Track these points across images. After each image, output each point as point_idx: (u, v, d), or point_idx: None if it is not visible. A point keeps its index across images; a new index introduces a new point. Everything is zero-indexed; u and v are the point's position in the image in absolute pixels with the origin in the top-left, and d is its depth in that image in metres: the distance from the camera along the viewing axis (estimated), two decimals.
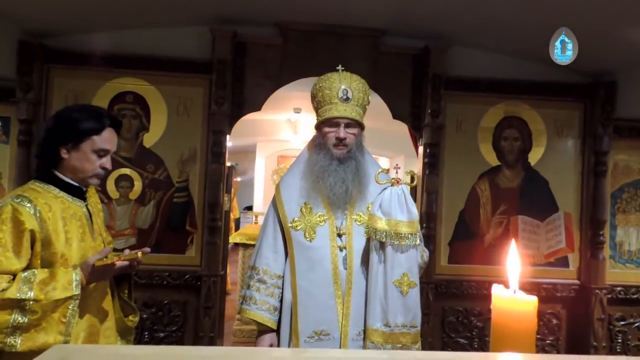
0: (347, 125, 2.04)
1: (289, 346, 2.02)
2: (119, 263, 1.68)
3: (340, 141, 2.04)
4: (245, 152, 11.29)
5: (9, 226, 1.61)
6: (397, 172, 2.43)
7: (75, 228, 1.75)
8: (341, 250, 2.02)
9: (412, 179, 2.03)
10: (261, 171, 11.13)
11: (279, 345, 2.10)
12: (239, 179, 8.02)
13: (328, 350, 1.83)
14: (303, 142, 2.23)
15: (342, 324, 1.97)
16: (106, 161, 1.79)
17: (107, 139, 1.77)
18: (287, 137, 8.86)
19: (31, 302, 1.56)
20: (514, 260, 1.01)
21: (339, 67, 2.12)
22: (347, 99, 2.03)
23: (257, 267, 2.12)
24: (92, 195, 1.93)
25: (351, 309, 1.97)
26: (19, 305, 1.56)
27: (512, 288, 0.97)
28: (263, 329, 2.09)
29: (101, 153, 1.77)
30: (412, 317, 1.90)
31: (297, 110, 7.31)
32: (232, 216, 5.98)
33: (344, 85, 2.04)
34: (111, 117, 1.81)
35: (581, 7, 2.60)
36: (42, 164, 1.79)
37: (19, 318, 1.56)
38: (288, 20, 3.36)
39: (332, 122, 2.05)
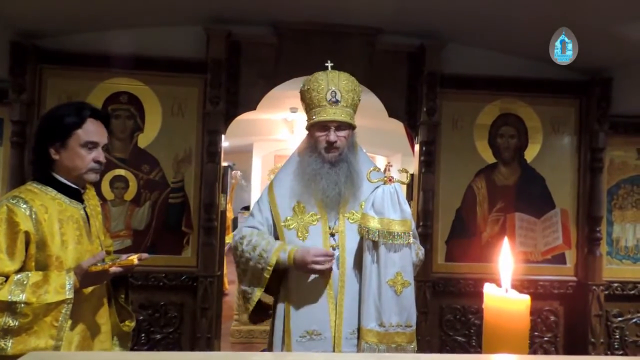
0: (337, 128, 2.02)
1: (282, 347, 2.01)
2: (113, 269, 1.66)
3: (331, 145, 2.02)
4: (241, 152, 11.26)
5: (4, 227, 1.60)
6: (389, 171, 2.42)
7: (71, 230, 1.73)
8: (334, 249, 2.01)
9: (406, 177, 2.01)
10: (258, 171, 11.11)
11: (271, 347, 2.09)
12: (239, 173, 8.02)
13: (311, 354, 1.84)
14: (299, 141, 2.24)
15: (335, 323, 1.96)
16: (98, 154, 1.76)
17: (91, 131, 1.74)
18: (284, 137, 8.84)
19: (22, 305, 1.55)
20: (506, 259, 1.00)
21: (328, 64, 2.10)
22: (336, 101, 2.00)
23: (245, 236, 2.07)
24: (92, 198, 1.91)
25: (344, 307, 1.96)
26: (9, 308, 1.54)
27: (504, 287, 0.96)
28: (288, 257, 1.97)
29: (89, 146, 1.74)
30: (407, 316, 1.89)
31: (294, 110, 7.28)
32: (228, 215, 5.97)
33: (332, 87, 2.01)
34: (92, 109, 1.78)
35: (577, 4, 2.60)
36: (37, 168, 1.77)
37: (10, 321, 1.54)
38: (283, 19, 3.34)
39: (322, 125, 2.03)
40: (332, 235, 2.03)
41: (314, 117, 2.04)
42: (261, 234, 2.06)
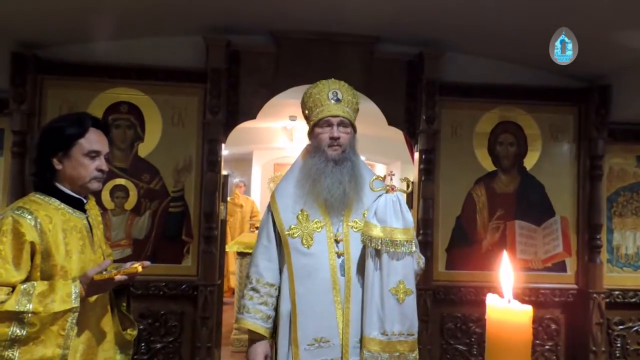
0: (340, 125, 2.05)
1: (287, 356, 2.00)
2: (118, 277, 1.67)
3: (334, 140, 2.04)
4: (241, 160, 11.28)
5: (9, 238, 1.60)
6: (391, 179, 2.42)
7: (75, 240, 1.74)
8: (339, 256, 2.01)
9: (407, 185, 2.02)
10: (257, 179, 11.11)
11: (275, 357, 2.08)
12: (237, 180, 8.17)
13: None
14: (299, 149, 2.26)
15: (342, 330, 1.96)
16: (101, 163, 1.78)
17: (94, 140, 1.77)
18: (283, 145, 8.86)
19: (30, 315, 1.55)
20: (507, 270, 1.00)
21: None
22: (338, 99, 2.06)
23: (251, 276, 2.12)
24: (92, 208, 1.92)
25: (351, 316, 1.96)
26: (17, 317, 1.55)
27: (507, 298, 0.95)
28: (256, 338, 2.06)
29: (92, 154, 1.76)
30: (409, 325, 1.88)
31: (293, 118, 7.30)
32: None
33: (334, 87, 2.08)
34: (94, 118, 1.81)
35: (575, 11, 2.62)
36: (40, 179, 1.78)
37: (17, 331, 1.55)
38: (281, 29, 3.36)
39: (325, 122, 2.05)
40: (337, 242, 2.03)
41: (317, 116, 2.07)
42: (260, 296, 2.07)
